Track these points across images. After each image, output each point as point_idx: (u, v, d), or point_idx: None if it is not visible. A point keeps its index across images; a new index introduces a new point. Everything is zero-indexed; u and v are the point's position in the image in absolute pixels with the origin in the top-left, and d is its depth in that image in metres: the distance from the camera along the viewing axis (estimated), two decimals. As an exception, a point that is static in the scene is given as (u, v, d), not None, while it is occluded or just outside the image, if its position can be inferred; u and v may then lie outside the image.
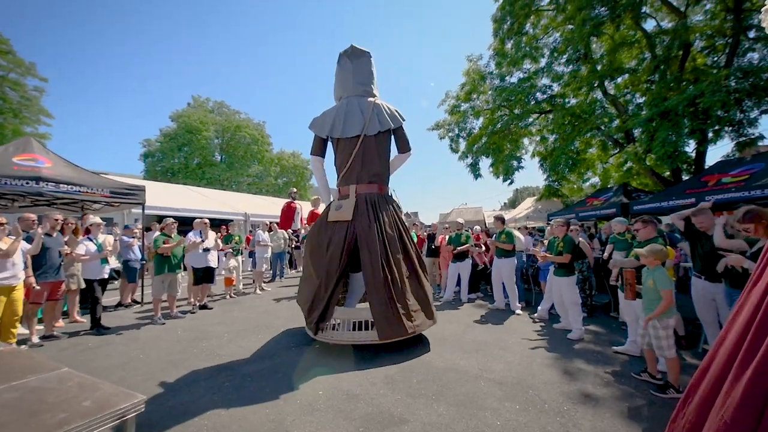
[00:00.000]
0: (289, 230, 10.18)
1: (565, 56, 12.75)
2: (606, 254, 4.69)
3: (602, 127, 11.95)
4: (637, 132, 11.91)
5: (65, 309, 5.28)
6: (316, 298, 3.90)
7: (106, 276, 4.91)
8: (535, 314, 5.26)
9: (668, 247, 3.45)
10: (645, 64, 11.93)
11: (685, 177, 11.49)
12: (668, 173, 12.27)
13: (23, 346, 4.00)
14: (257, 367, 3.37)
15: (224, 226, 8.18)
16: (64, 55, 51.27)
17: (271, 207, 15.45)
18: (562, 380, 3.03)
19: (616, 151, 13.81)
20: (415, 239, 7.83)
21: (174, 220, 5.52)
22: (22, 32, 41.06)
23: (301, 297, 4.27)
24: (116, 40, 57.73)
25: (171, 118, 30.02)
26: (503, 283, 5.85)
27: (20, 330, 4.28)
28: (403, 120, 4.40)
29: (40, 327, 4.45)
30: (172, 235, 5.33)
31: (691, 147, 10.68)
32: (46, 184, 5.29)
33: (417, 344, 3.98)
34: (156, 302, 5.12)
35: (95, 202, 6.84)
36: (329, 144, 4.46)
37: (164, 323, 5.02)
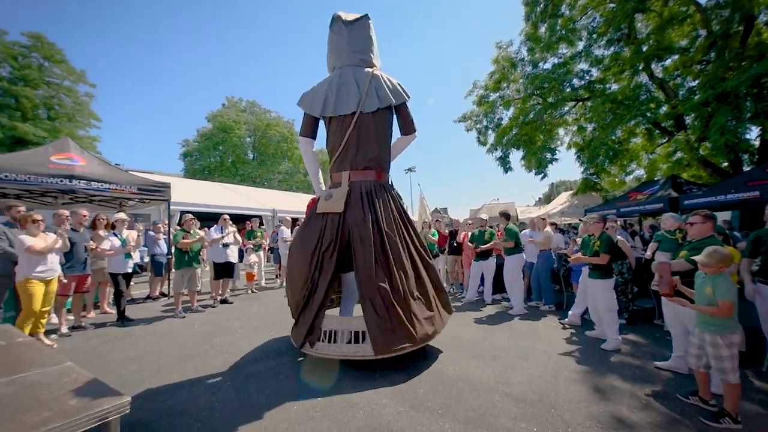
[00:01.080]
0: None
1: (605, 38, 11.71)
2: (649, 253, 4.14)
3: (648, 114, 10.86)
4: (689, 118, 10.73)
5: (96, 300, 5.57)
6: (305, 307, 3.33)
7: (130, 270, 5.09)
8: (566, 319, 4.81)
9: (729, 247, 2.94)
10: (699, 43, 10.67)
11: (746, 168, 10.20)
12: (726, 164, 10.96)
13: (53, 336, 4.22)
14: (262, 366, 3.29)
15: (248, 222, 8.31)
16: (112, 63, 55.35)
17: (299, 203, 15.67)
18: (592, 399, 2.66)
19: (665, 140, 12.57)
20: (437, 236, 7.59)
21: (193, 216, 5.63)
22: (73, 41, 44.82)
23: (291, 301, 3.61)
24: (158, 48, 61.48)
25: (207, 119, 31.46)
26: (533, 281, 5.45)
27: (53, 320, 4.55)
28: (408, 96, 3.79)
29: (71, 318, 4.68)
30: (192, 231, 5.42)
31: (753, 134, 9.44)
32: (79, 182, 5.58)
33: (428, 349, 3.73)
34: (177, 296, 5.26)
35: (125, 198, 7.19)
36: (322, 123, 3.86)
37: (184, 317, 5.13)
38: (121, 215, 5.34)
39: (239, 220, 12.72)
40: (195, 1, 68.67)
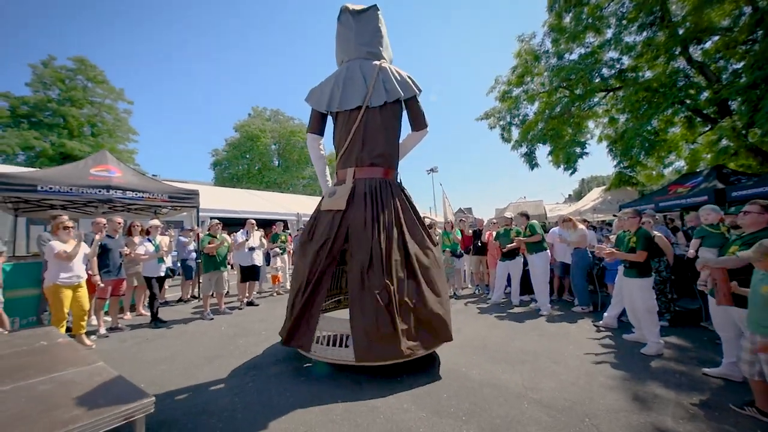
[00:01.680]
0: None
1: (636, 23, 11.06)
2: (692, 251, 3.80)
3: (687, 101, 10.12)
4: (734, 103, 9.89)
5: (133, 303, 5.86)
6: (296, 301, 3.25)
7: (162, 274, 5.33)
8: (600, 321, 4.51)
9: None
10: (743, 21, 9.81)
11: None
12: (779, 152, 10.00)
13: (93, 336, 4.47)
14: (284, 367, 3.31)
15: (273, 226, 8.50)
16: (148, 80, 58.95)
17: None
18: (631, 408, 2.45)
19: (707, 129, 11.65)
20: (460, 236, 7.41)
21: (219, 221, 5.81)
22: (112, 61, 48.14)
23: (292, 299, 3.48)
24: (189, 64, 64.83)
25: (235, 129, 32.75)
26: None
27: (93, 321, 4.83)
28: (419, 90, 3.59)
29: (108, 319, 4.94)
30: (217, 236, 5.60)
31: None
32: (115, 192, 5.92)
33: (451, 351, 3.61)
34: (205, 299, 5.44)
35: (158, 206, 7.56)
36: (330, 119, 3.75)
37: (212, 319, 5.29)
38: (155, 222, 5.60)
39: (265, 224, 13.11)
40: (221, 21, 71.99)
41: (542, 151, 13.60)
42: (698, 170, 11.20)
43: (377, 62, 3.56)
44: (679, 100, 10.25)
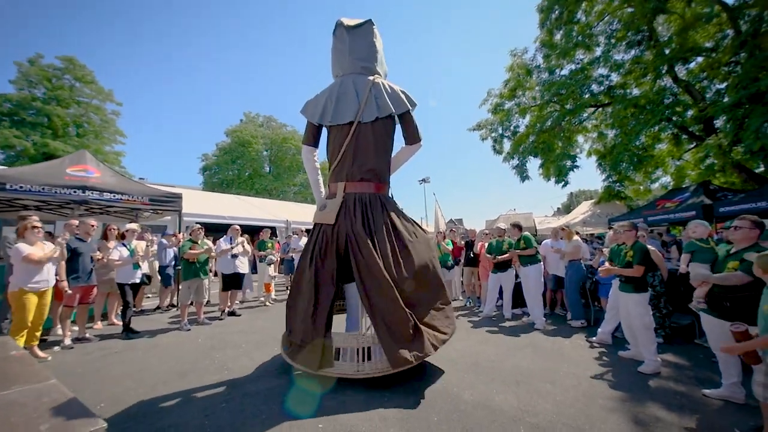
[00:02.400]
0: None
1: (624, 42, 11.35)
2: (683, 266, 3.72)
3: (674, 118, 10.34)
4: (719, 121, 10.14)
5: (105, 311, 5.51)
6: (296, 312, 3.31)
7: (138, 281, 5.01)
8: (594, 337, 4.38)
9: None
10: (726, 43, 10.15)
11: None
12: (762, 168, 10.25)
13: (56, 347, 4.13)
14: (261, 386, 3.06)
15: (261, 233, 8.22)
16: (139, 81, 58.34)
17: (312, 214, 15.66)
18: (633, 433, 2.30)
19: (693, 146, 11.92)
20: (451, 247, 7.27)
21: (201, 226, 5.55)
22: (101, 61, 47.59)
23: (294, 314, 3.44)
24: (181, 66, 64.50)
25: (226, 134, 32.38)
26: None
27: (58, 331, 4.48)
28: (413, 105, 3.60)
29: (76, 329, 4.60)
30: (199, 241, 5.34)
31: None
32: (91, 193, 5.62)
33: (442, 369, 3.42)
34: (183, 308, 5.14)
35: (139, 209, 7.25)
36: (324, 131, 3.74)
37: (189, 329, 4.99)
38: (132, 225, 5.31)
39: (253, 231, 12.79)
40: (214, 23, 72.15)
41: (533, 164, 13.73)
42: (685, 186, 11.40)
43: (371, 77, 3.56)
44: (666, 117, 10.46)
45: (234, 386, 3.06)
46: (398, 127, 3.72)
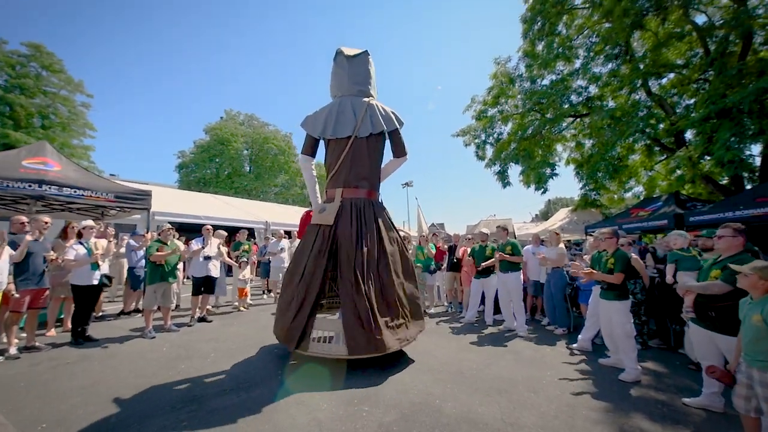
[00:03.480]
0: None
1: (602, 56, 11.74)
2: (669, 277, 3.77)
3: (647, 130, 10.74)
4: (690, 134, 10.61)
5: (60, 316, 5.06)
6: (293, 302, 3.65)
7: (96, 282, 4.58)
8: (575, 344, 4.37)
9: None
10: (696, 61, 10.69)
11: (748, 185, 10.01)
12: (726, 180, 10.79)
13: (0, 358, 3.72)
14: (229, 400, 2.82)
15: (237, 234, 7.87)
16: (111, 73, 55.91)
17: (294, 216, 15.31)
18: (619, 447, 2.22)
19: (664, 157, 12.44)
20: (434, 250, 7.19)
21: (171, 226, 5.21)
22: (72, 51, 45.35)
23: (282, 300, 3.90)
24: (158, 60, 62.38)
25: (205, 131, 31.33)
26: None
27: (4, 339, 4.05)
28: (401, 123, 4.19)
29: (24, 336, 4.18)
30: (168, 242, 4.99)
31: (755, 150, 9.29)
32: (49, 188, 5.18)
33: (425, 379, 3.29)
34: (147, 314, 4.77)
35: (103, 206, 6.78)
36: (322, 144, 4.25)
37: (154, 337, 4.64)
38: (89, 222, 4.86)
39: (231, 232, 12.29)
40: (196, 16, 70.20)
41: (514, 171, 13.93)
42: (657, 195, 11.85)
43: (366, 99, 4.09)
44: (641, 130, 10.86)
45: (198, 401, 2.80)
46: (388, 143, 4.26)
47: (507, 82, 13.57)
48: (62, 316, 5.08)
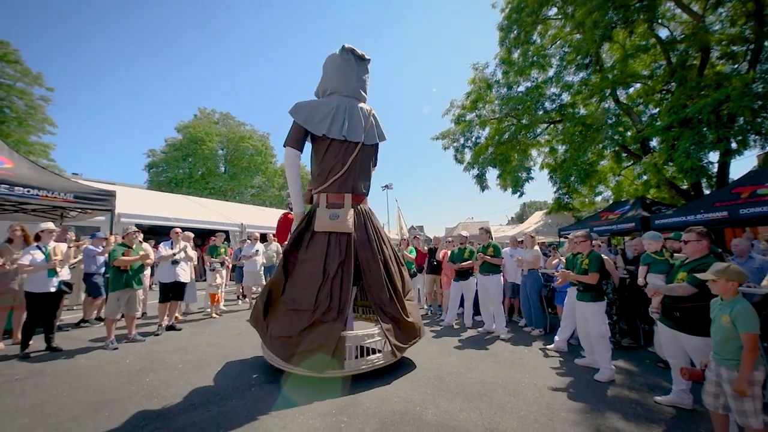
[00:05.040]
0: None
1: (574, 65, 12.23)
2: (641, 279, 3.90)
3: (616, 137, 11.27)
4: (654, 142, 11.20)
5: (9, 328, 4.63)
6: (321, 324, 3.28)
7: (53, 289, 4.21)
8: (551, 345, 4.45)
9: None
10: (660, 73, 11.34)
11: (706, 190, 10.69)
12: (686, 186, 11.48)
13: (-67, 377, 3.33)
14: (198, 416, 2.63)
15: (213, 237, 7.53)
16: (76, 68, 52.79)
17: (270, 218, 14.92)
18: (597, 449, 2.24)
19: (630, 163, 13.09)
20: (414, 254, 7.17)
21: (137, 229, 4.88)
22: (31, 43, 42.45)
23: (280, 327, 3.28)
24: (126, 55, 59.47)
25: (177, 129, 30.05)
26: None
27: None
28: (385, 138, 4.22)
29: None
30: (134, 246, 4.68)
31: (713, 158, 9.93)
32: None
33: (406, 386, 3.22)
34: (109, 323, 4.43)
35: (61, 207, 6.32)
36: (308, 138, 3.85)
37: (116, 348, 4.32)
38: (48, 225, 4.48)
39: (204, 235, 11.77)
40: (170, 12, 67.60)
41: (492, 174, 14.23)
42: (624, 200, 12.43)
43: (368, 108, 4.01)
44: (610, 137, 11.38)
45: (163, 418, 2.60)
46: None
47: (485, 87, 13.86)
48: (10, 328, 4.66)
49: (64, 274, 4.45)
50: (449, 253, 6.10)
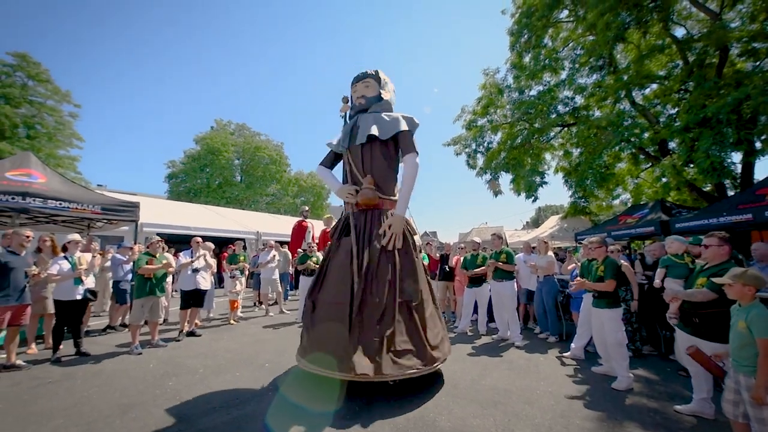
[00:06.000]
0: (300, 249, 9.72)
1: (587, 67, 12.08)
2: (657, 281, 3.82)
3: (632, 139, 11.03)
4: (673, 143, 10.91)
5: (40, 333, 4.90)
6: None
7: (79, 297, 4.44)
8: (567, 353, 4.39)
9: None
10: (677, 72, 11.07)
11: (730, 192, 10.30)
12: (710, 188, 11.09)
13: (-24, 379, 3.57)
14: (218, 419, 2.74)
15: (231, 245, 7.76)
16: (103, 85, 55.36)
17: (285, 226, 15.21)
18: (613, 458, 2.22)
19: (649, 165, 12.75)
20: (427, 261, 7.19)
21: (160, 239, 5.12)
22: (60, 61, 44.80)
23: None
24: (148, 73, 62.05)
25: (195, 141, 31.10)
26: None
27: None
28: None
29: (3, 355, 4.02)
30: (157, 255, 4.90)
31: (736, 159, 9.58)
32: (34, 200, 5.06)
33: (420, 391, 3.25)
34: (133, 329, 4.64)
35: (89, 218, 6.65)
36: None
37: (141, 353, 4.50)
38: (75, 236, 4.76)
39: (222, 243, 12.11)
40: (189, 25, 70.33)
41: (505, 179, 14.10)
42: (643, 203, 12.09)
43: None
44: (626, 139, 11.14)
45: (186, 420, 2.71)
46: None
47: (496, 92, 13.82)
48: (42, 333, 4.92)
49: (89, 282, 4.70)
50: (462, 259, 6.10)
